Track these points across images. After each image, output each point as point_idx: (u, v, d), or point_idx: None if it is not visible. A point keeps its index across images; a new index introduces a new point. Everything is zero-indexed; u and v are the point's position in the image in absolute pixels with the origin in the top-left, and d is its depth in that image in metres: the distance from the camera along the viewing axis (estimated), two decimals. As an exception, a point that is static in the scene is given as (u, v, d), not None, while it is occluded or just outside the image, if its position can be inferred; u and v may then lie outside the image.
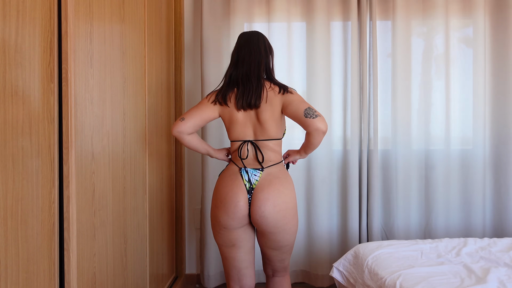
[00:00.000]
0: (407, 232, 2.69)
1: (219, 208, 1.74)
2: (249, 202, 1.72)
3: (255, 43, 1.82)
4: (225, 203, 1.72)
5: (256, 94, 1.74)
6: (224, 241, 1.79)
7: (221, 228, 1.75)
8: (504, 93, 2.64)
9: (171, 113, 2.57)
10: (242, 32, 1.91)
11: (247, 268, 1.84)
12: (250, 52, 1.80)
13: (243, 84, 1.77)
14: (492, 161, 2.69)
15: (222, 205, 1.73)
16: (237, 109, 1.77)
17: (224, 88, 1.81)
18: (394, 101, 2.65)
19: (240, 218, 1.72)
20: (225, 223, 1.73)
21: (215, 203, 1.78)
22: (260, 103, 1.75)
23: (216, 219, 1.76)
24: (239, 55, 1.82)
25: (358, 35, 2.65)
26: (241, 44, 1.83)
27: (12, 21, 1.06)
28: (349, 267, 2.10)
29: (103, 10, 1.52)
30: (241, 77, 1.78)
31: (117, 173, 1.66)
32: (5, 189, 1.04)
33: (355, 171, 2.63)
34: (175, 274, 2.70)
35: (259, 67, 1.79)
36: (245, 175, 1.74)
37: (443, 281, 1.68)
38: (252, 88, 1.75)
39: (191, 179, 2.81)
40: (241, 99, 1.75)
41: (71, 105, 1.24)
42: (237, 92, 1.78)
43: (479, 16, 2.63)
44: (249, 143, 1.78)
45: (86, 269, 1.39)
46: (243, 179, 1.73)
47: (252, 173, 1.74)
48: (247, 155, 1.78)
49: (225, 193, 1.74)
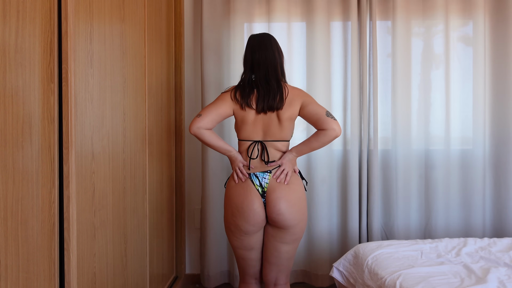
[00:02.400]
0: (407, 232, 2.69)
1: (237, 216, 1.80)
2: (264, 204, 1.79)
3: (269, 46, 1.85)
4: (243, 211, 1.78)
5: (279, 97, 1.79)
6: (243, 245, 1.86)
7: (242, 234, 1.82)
8: (504, 93, 2.64)
9: (171, 113, 2.57)
10: (252, 35, 1.93)
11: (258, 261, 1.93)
12: (266, 56, 1.83)
13: (263, 87, 1.80)
14: (492, 161, 2.69)
15: (240, 214, 1.78)
16: (257, 112, 1.80)
17: (243, 89, 1.82)
18: (394, 101, 2.65)
19: (260, 223, 1.80)
20: (246, 230, 1.80)
21: (231, 212, 1.82)
22: (282, 105, 1.80)
23: (236, 226, 1.82)
24: (254, 58, 1.84)
25: (358, 35, 2.65)
26: (254, 47, 1.86)
27: (12, 21, 1.06)
28: (349, 267, 2.10)
29: (103, 10, 1.52)
30: (259, 80, 1.82)
31: (117, 173, 1.66)
32: (5, 189, 1.04)
33: (355, 171, 2.63)
34: (175, 274, 2.70)
35: (277, 70, 1.84)
36: (255, 180, 1.80)
37: (443, 281, 1.68)
38: (274, 91, 1.79)
39: (191, 179, 2.81)
40: (263, 103, 1.79)
41: (71, 105, 1.24)
42: (257, 95, 1.80)
43: (479, 16, 2.63)
44: (258, 143, 1.83)
45: (86, 269, 1.39)
46: (254, 184, 1.79)
47: (262, 176, 1.80)
48: (257, 155, 1.83)
49: (240, 201, 1.79)
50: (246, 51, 1.89)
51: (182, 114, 2.69)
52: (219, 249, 2.70)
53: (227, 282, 2.77)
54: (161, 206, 2.34)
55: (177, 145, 2.67)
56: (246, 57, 1.89)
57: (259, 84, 1.81)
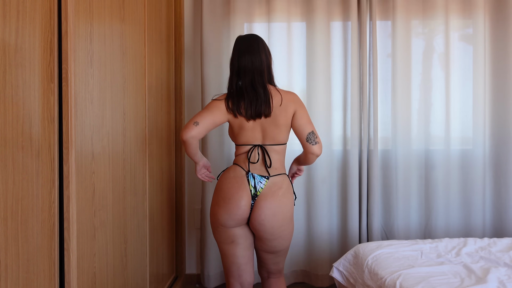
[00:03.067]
0: (407, 232, 2.69)
1: (221, 207, 1.77)
2: (251, 207, 1.77)
3: (256, 49, 1.80)
4: (229, 203, 1.75)
5: (265, 103, 1.76)
6: (223, 238, 1.82)
7: (219, 225, 1.80)
8: (504, 93, 2.64)
9: (171, 113, 2.57)
10: (239, 36, 1.87)
11: (246, 264, 1.86)
12: (252, 61, 1.78)
13: (248, 94, 1.76)
14: (492, 161, 2.69)
15: (225, 205, 1.76)
16: (247, 119, 1.77)
17: (233, 97, 1.79)
18: (394, 101, 2.65)
19: (239, 220, 1.77)
20: (224, 222, 1.77)
21: (217, 201, 1.80)
22: (270, 111, 1.77)
23: (215, 216, 1.80)
24: (240, 63, 1.79)
25: (358, 35, 2.65)
26: (240, 51, 1.80)
27: (12, 21, 1.06)
28: (349, 267, 2.10)
29: (103, 10, 1.52)
30: (245, 87, 1.78)
31: (117, 173, 1.66)
32: (5, 189, 1.04)
33: (355, 171, 2.63)
34: (175, 274, 2.70)
35: (263, 75, 1.80)
36: (251, 180, 1.77)
37: (443, 281, 1.68)
38: (260, 98, 1.76)
39: (191, 179, 2.81)
40: (250, 110, 1.76)
41: (71, 105, 1.24)
42: (245, 102, 1.77)
43: (479, 16, 2.63)
44: (258, 147, 1.81)
45: (86, 269, 1.39)
46: (249, 183, 1.77)
47: (259, 180, 1.78)
48: (258, 159, 1.80)
49: (230, 194, 1.76)
50: (233, 54, 1.83)
51: (182, 114, 2.69)
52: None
53: (227, 282, 2.77)
54: (161, 206, 2.34)
55: (177, 145, 2.67)
56: (232, 61, 1.83)
57: (244, 91, 1.77)
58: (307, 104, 2.63)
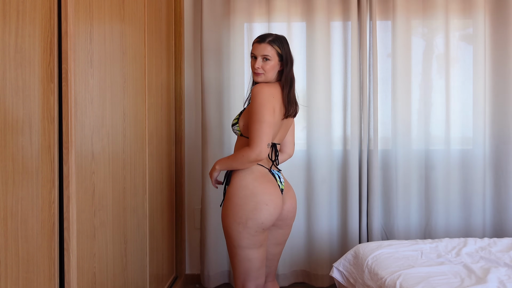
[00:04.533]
0: (407, 232, 2.69)
1: (263, 211, 1.72)
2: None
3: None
4: (272, 205, 1.74)
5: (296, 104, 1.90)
6: (255, 241, 1.75)
7: (261, 229, 1.74)
8: (504, 93, 2.64)
9: (171, 113, 2.57)
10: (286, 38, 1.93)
11: (264, 266, 1.85)
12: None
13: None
14: (492, 161, 2.69)
15: (267, 207, 1.73)
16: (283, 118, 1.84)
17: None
18: (394, 101, 2.65)
19: (276, 218, 1.80)
20: (268, 223, 1.75)
21: (255, 206, 1.72)
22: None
23: (257, 220, 1.72)
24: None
25: (358, 35, 2.65)
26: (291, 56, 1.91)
27: (12, 21, 1.06)
28: (349, 267, 2.10)
29: (103, 10, 1.52)
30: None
31: (117, 173, 1.66)
32: (5, 189, 1.04)
33: (355, 171, 2.63)
34: (175, 274, 2.70)
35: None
36: (276, 176, 1.84)
37: (443, 281, 1.68)
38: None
39: (191, 179, 2.81)
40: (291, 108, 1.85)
41: (71, 105, 1.24)
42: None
43: (479, 16, 2.63)
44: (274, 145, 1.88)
45: (86, 269, 1.39)
46: (277, 181, 1.83)
47: (278, 174, 1.85)
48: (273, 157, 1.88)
49: (268, 194, 1.75)
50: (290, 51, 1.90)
51: (182, 114, 2.69)
52: (219, 249, 2.70)
53: (227, 282, 2.77)
54: (161, 206, 2.34)
55: (177, 145, 2.67)
56: (291, 57, 1.89)
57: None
58: (307, 104, 2.63)
